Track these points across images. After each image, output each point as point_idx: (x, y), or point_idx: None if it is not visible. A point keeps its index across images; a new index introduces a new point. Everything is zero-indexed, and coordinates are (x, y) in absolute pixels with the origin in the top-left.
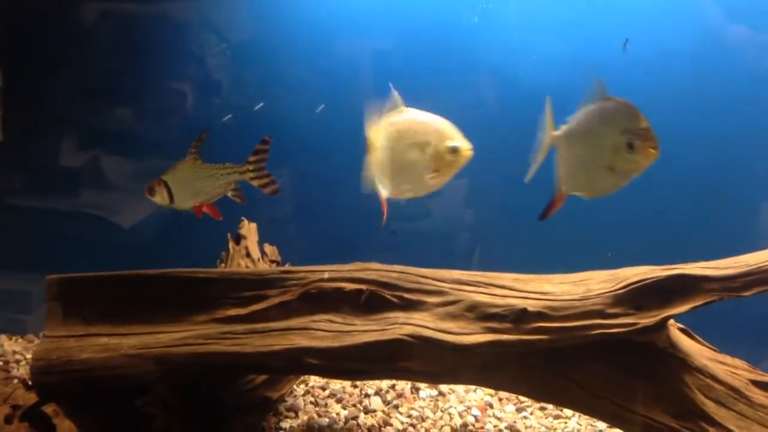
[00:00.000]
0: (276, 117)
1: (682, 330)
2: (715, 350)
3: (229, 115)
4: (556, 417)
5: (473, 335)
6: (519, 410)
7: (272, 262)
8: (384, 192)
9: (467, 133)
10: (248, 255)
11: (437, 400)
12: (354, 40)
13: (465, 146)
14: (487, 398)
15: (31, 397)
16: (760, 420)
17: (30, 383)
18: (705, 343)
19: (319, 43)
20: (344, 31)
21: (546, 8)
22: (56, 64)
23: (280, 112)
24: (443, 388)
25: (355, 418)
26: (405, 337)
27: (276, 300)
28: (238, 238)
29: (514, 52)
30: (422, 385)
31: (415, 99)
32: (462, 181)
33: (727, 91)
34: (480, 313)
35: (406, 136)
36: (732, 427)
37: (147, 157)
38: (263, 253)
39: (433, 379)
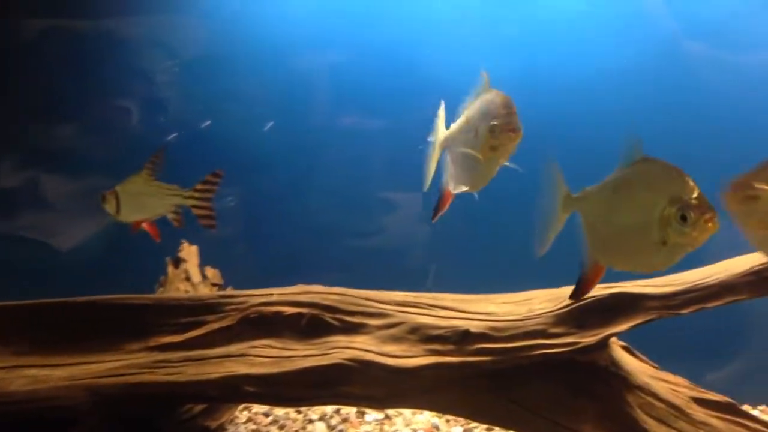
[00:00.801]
0: (224, 134)
1: (624, 348)
2: (656, 368)
3: (175, 134)
4: None
5: (415, 358)
6: (466, 431)
7: (214, 285)
8: (451, 186)
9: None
10: (188, 279)
11: (383, 424)
12: (302, 59)
13: (508, 124)
14: (435, 420)
15: None
16: None
17: None
18: (646, 360)
19: (267, 60)
20: (293, 49)
21: (498, 26)
22: None
23: (228, 130)
24: (390, 411)
25: None
26: (346, 362)
27: (214, 326)
28: (178, 262)
29: (463, 69)
30: (368, 409)
31: (368, 114)
32: (417, 195)
33: (675, 107)
34: (423, 335)
35: (468, 121)
36: None
37: (88, 177)
38: (204, 276)
39: (376, 403)
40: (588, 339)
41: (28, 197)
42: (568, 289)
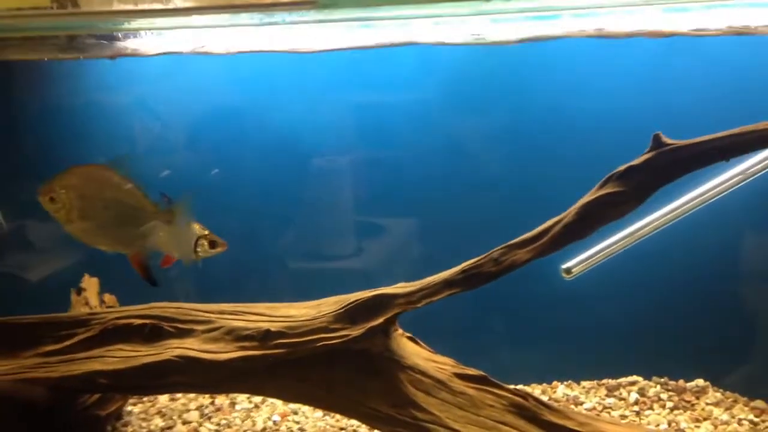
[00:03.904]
0: None
1: (409, 337)
2: (432, 351)
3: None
4: None
5: (228, 353)
6: (325, 414)
7: (109, 308)
8: None
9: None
10: (87, 304)
11: (250, 412)
12: None
13: None
14: (304, 409)
15: None
16: (458, 404)
17: None
18: (425, 346)
19: None
20: None
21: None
22: None
23: None
24: (259, 400)
25: (171, 428)
26: (175, 358)
27: (82, 336)
28: (79, 291)
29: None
30: (238, 399)
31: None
32: None
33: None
34: (236, 336)
35: None
36: (436, 411)
37: None
38: (102, 301)
39: (201, 389)
40: (356, 332)
41: None
42: (350, 295)
